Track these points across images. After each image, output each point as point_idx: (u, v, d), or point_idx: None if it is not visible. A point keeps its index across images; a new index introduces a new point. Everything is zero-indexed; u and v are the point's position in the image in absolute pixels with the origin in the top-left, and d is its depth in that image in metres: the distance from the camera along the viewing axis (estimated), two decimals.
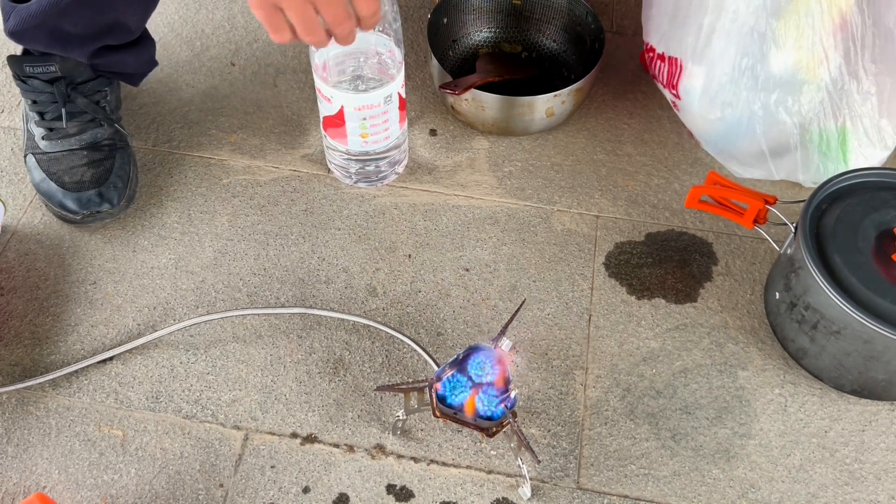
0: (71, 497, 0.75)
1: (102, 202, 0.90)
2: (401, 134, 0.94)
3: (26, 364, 0.83)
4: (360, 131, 0.89)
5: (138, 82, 1.00)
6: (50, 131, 0.92)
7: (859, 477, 0.77)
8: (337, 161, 0.96)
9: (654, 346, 0.85)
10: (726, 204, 0.87)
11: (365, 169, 0.95)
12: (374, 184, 0.97)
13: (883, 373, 0.77)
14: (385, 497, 0.76)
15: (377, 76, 0.87)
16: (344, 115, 0.87)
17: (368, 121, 0.88)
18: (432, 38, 1.03)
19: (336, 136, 0.91)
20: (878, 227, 0.78)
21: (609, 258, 0.92)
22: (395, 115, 0.90)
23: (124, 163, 0.93)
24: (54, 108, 0.91)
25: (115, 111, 0.97)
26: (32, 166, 0.93)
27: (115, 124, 0.95)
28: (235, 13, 1.16)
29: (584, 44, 1.07)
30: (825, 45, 0.85)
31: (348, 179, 0.97)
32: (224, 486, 0.76)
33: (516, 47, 1.12)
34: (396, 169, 0.97)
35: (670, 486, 0.77)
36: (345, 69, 0.87)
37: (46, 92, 0.91)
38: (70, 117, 0.92)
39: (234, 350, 0.84)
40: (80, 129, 0.92)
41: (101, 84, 0.94)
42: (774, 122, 0.91)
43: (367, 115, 0.87)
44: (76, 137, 0.92)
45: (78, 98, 0.91)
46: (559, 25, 1.10)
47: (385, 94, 0.86)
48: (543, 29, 1.11)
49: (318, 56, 0.85)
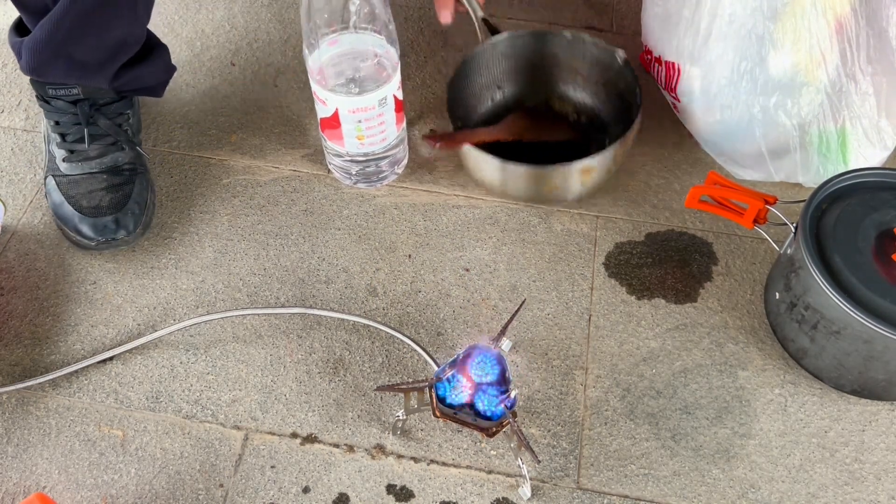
0: (71, 497, 0.75)
1: (118, 229, 0.89)
2: (398, 135, 0.93)
3: (26, 364, 0.83)
4: (355, 133, 0.89)
5: (161, 92, 0.99)
6: (71, 153, 0.91)
7: (859, 477, 0.77)
8: (336, 162, 0.96)
9: (654, 346, 0.85)
10: (726, 204, 0.87)
11: (365, 170, 0.95)
12: (374, 184, 0.97)
13: (883, 373, 0.77)
14: (385, 497, 0.76)
15: (374, 78, 0.87)
16: (339, 117, 0.87)
17: (364, 123, 0.88)
18: (469, 75, 0.97)
19: (333, 138, 0.91)
20: (878, 227, 0.78)
21: (609, 258, 0.92)
22: (392, 118, 0.90)
23: (143, 188, 0.92)
24: (76, 130, 0.91)
25: (137, 134, 0.97)
26: (52, 188, 0.92)
27: (136, 147, 0.94)
28: (235, 13, 1.16)
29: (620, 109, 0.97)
30: (822, 47, 0.85)
31: (348, 180, 0.97)
32: (224, 486, 0.76)
33: (566, 106, 1.03)
34: (396, 169, 0.97)
35: (670, 486, 0.77)
36: (342, 71, 0.87)
37: (69, 113, 0.90)
38: (92, 139, 0.91)
39: (234, 350, 0.84)
40: (100, 153, 0.92)
41: (123, 106, 0.94)
42: (774, 124, 0.91)
43: (363, 117, 0.87)
44: (97, 161, 0.91)
45: (100, 119, 0.91)
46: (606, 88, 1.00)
47: (380, 96, 0.86)
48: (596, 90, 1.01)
49: (313, 60, 0.85)
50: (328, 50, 0.85)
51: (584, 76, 1.01)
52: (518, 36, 0.98)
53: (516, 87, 1.03)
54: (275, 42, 1.13)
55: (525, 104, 1.02)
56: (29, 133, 1.03)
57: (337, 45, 0.85)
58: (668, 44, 0.95)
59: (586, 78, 1.01)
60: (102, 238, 0.89)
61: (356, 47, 0.85)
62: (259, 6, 1.18)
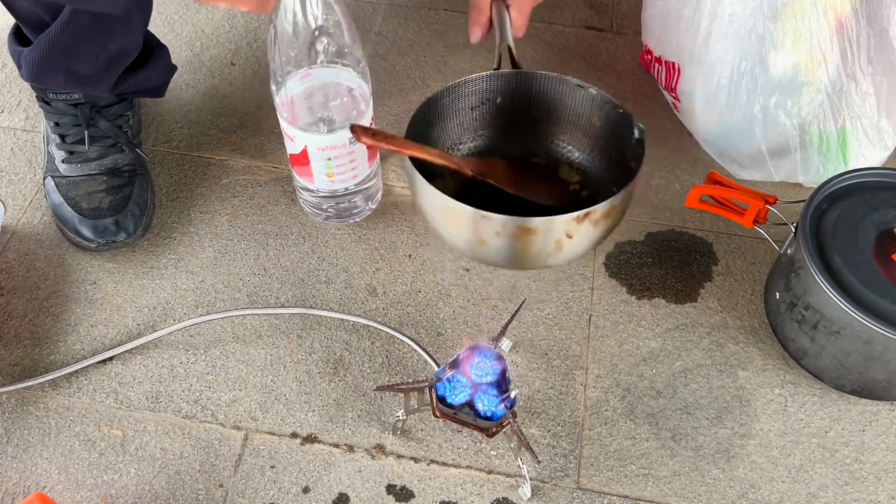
0: (71, 497, 0.75)
1: (119, 231, 0.89)
2: (371, 170, 0.90)
3: (26, 364, 0.83)
4: (325, 171, 0.85)
5: (163, 92, 0.99)
6: (70, 154, 0.91)
7: (859, 477, 0.77)
8: (306, 197, 0.92)
9: (655, 346, 0.85)
10: (727, 204, 0.87)
11: (338, 206, 0.91)
12: (345, 220, 0.93)
13: (883, 373, 0.77)
14: (385, 497, 0.76)
15: (345, 115, 0.82)
16: (308, 155, 0.84)
17: (333, 161, 0.84)
18: (435, 119, 0.80)
19: (302, 175, 0.88)
20: (879, 227, 0.78)
21: (609, 258, 0.92)
22: (363, 154, 0.86)
23: (143, 190, 0.92)
24: (76, 132, 0.91)
25: (137, 136, 0.97)
26: (51, 189, 0.92)
27: (136, 149, 0.94)
28: (235, 13, 1.16)
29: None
30: (823, 47, 0.85)
31: (319, 217, 0.93)
32: (224, 486, 0.76)
33: (573, 176, 0.84)
34: (370, 204, 0.94)
35: (670, 486, 0.77)
36: (312, 108, 0.83)
37: (70, 114, 0.90)
38: (92, 141, 0.91)
39: (234, 350, 0.84)
40: (100, 154, 0.91)
41: (124, 108, 0.94)
42: (774, 124, 0.91)
43: (332, 155, 0.83)
44: (96, 162, 0.91)
45: (101, 121, 0.91)
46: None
47: (350, 134, 0.79)
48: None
49: (281, 97, 0.81)
50: (299, 84, 0.81)
51: (587, 136, 0.83)
52: (515, 76, 0.81)
53: (496, 136, 0.85)
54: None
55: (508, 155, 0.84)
56: (29, 133, 1.03)
57: (309, 78, 0.81)
58: (668, 44, 0.96)
59: (589, 138, 0.83)
60: (102, 240, 0.89)
61: (328, 81, 0.82)
62: None
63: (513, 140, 0.85)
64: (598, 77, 1.10)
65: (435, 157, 0.73)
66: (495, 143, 0.86)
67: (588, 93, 0.80)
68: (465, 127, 0.84)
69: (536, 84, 0.81)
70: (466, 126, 0.84)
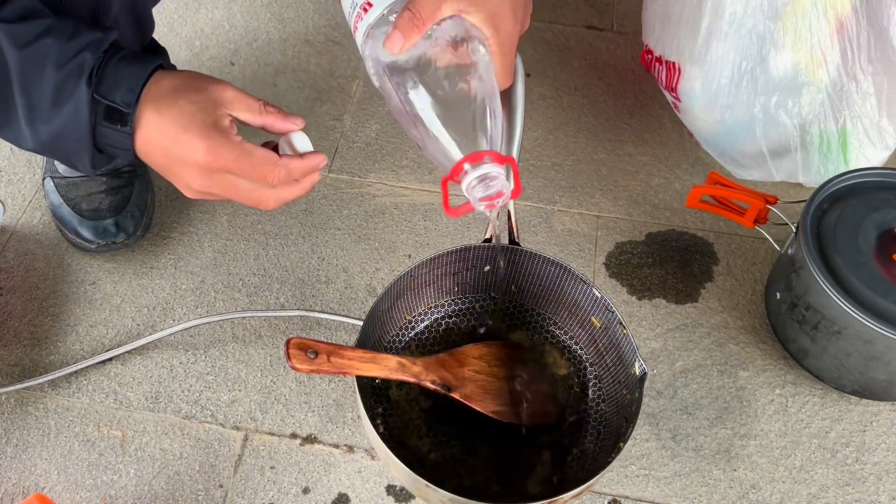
0: (70, 497, 0.75)
1: (118, 232, 0.88)
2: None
3: (25, 364, 0.83)
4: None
5: None
6: None
7: (860, 477, 0.77)
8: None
9: (655, 346, 0.85)
10: (727, 204, 0.87)
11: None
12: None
13: (884, 373, 0.77)
14: (385, 497, 0.75)
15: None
16: None
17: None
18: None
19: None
20: (879, 227, 0.77)
21: (609, 258, 0.92)
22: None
23: (143, 190, 0.92)
24: None
25: None
26: (50, 190, 0.92)
27: None
28: (235, 13, 1.16)
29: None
30: (823, 46, 0.85)
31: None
32: (224, 486, 0.76)
33: (562, 368, 0.76)
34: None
35: (671, 486, 0.76)
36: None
37: None
38: None
39: (234, 350, 0.84)
40: None
41: None
42: (774, 124, 0.91)
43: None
44: None
45: None
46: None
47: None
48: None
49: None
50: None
51: (584, 329, 0.76)
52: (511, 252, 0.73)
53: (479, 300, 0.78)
54: (274, 42, 1.13)
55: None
56: None
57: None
58: (668, 43, 0.95)
59: (586, 331, 0.76)
60: (102, 241, 0.89)
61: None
62: (258, 6, 1.17)
63: (498, 314, 0.77)
64: (598, 76, 1.09)
65: (391, 374, 0.65)
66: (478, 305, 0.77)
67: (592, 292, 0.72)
68: (444, 290, 0.77)
69: (535, 265, 0.75)
70: (447, 290, 0.77)
